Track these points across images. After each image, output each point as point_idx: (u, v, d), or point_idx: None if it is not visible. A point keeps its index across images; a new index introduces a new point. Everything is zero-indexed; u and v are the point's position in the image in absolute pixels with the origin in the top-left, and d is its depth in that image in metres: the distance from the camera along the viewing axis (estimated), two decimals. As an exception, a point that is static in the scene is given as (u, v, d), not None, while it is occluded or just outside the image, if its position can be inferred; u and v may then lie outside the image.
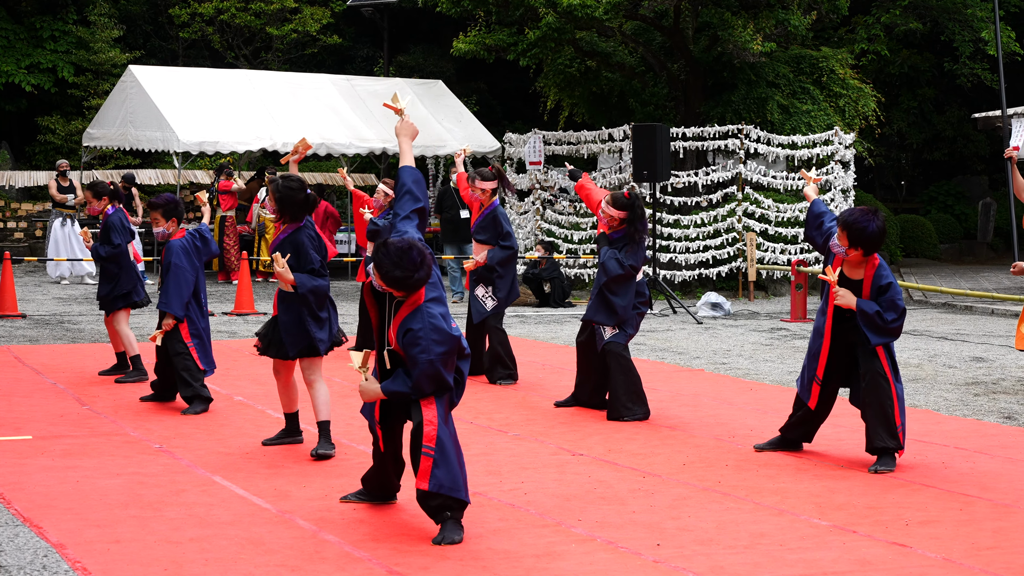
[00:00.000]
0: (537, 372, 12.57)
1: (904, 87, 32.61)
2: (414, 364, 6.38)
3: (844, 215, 8.20)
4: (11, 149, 30.21)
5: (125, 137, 23.65)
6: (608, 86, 24.33)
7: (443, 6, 22.72)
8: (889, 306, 8.20)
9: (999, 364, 13.41)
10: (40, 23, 30.48)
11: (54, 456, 8.37)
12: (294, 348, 8.49)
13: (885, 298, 8.21)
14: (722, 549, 6.37)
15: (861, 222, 8.11)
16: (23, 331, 15.47)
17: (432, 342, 6.35)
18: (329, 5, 32.25)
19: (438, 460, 6.37)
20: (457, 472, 6.42)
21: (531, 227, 22.90)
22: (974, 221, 31.97)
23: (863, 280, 8.27)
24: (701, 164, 22.24)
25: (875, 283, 8.24)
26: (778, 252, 21.28)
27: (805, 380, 8.56)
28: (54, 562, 6.00)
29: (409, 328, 6.41)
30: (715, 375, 12.62)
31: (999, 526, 6.86)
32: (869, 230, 8.09)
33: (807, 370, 8.54)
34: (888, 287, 8.24)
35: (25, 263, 25.02)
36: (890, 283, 8.25)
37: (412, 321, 6.42)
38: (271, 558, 6.11)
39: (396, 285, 6.40)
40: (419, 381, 6.39)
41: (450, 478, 6.38)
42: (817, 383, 8.46)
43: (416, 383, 6.40)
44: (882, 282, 8.24)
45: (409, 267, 6.34)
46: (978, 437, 9.35)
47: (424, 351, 6.35)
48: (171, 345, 10.14)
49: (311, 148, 8.75)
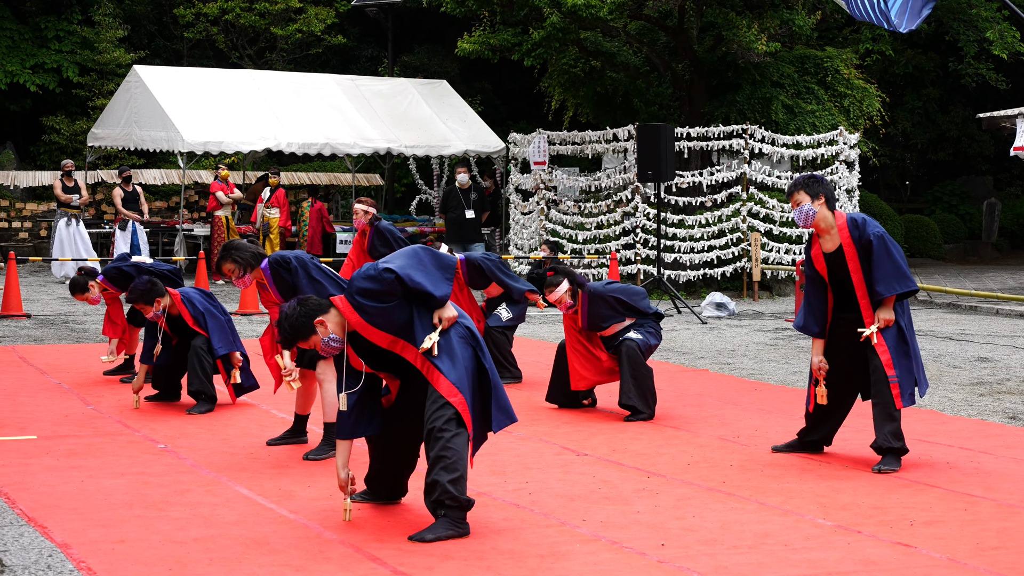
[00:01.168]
0: (541, 372, 12.57)
1: (909, 87, 32.60)
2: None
3: (788, 191, 8.35)
4: (16, 149, 30.24)
5: (130, 137, 23.67)
6: (612, 86, 24.33)
7: (447, 6, 22.72)
8: (894, 275, 8.12)
9: (1004, 364, 13.40)
10: (45, 23, 30.51)
11: (59, 456, 8.38)
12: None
13: (885, 270, 8.10)
14: (726, 549, 6.37)
15: (804, 176, 8.31)
16: (28, 331, 15.48)
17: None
18: (333, 5, 32.27)
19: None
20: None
21: (535, 227, 22.89)
22: (979, 221, 31.95)
23: (844, 248, 8.18)
24: (705, 164, 22.22)
25: (854, 236, 8.15)
26: (782, 252, 21.27)
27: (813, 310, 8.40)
28: (59, 562, 6.00)
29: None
30: (720, 375, 12.62)
31: (1004, 526, 6.85)
32: (811, 176, 8.25)
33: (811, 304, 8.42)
34: (869, 244, 8.08)
35: (30, 263, 25.04)
36: (873, 238, 8.09)
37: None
38: (275, 558, 6.11)
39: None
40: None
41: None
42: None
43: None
44: (866, 238, 8.11)
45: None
46: (983, 437, 9.34)
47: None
48: (198, 345, 10.13)
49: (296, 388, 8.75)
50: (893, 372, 8.12)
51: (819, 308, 8.36)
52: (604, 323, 10.12)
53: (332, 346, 6.52)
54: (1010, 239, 32.18)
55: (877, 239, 8.10)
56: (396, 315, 6.47)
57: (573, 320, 10.19)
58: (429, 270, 6.56)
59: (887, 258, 8.10)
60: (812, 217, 8.22)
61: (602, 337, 10.20)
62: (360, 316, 6.44)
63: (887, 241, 8.12)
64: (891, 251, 8.11)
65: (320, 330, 6.48)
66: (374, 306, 6.43)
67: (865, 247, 8.12)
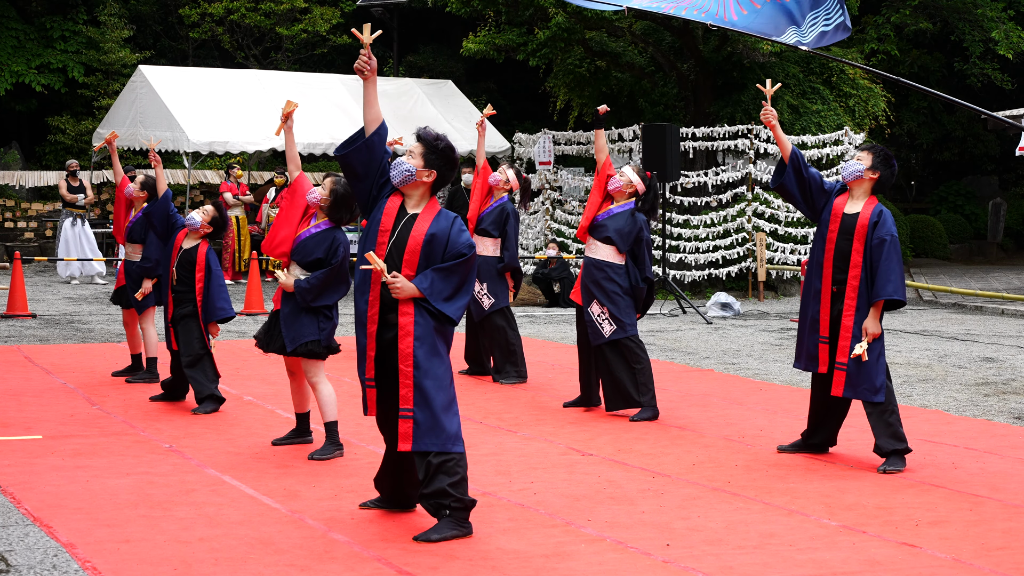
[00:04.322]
0: (547, 372, 12.57)
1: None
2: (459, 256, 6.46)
3: (865, 144, 8.45)
4: (21, 149, 30.25)
5: (135, 137, 23.67)
6: (618, 86, 24.32)
7: (453, 6, 22.74)
8: (896, 279, 8.12)
9: (1009, 364, 13.38)
10: (50, 23, 30.52)
11: (64, 456, 8.39)
12: (291, 343, 8.50)
13: (882, 267, 8.12)
14: (732, 549, 6.37)
15: (884, 150, 8.38)
16: (33, 331, 15.50)
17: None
18: (339, 5, 32.26)
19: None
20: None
21: (541, 227, 22.89)
22: (984, 221, 31.91)
23: (858, 216, 8.24)
24: (711, 164, 22.22)
25: (872, 222, 8.18)
26: (788, 252, 21.25)
27: (808, 348, 8.43)
28: (64, 562, 6.01)
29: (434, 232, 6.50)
30: (725, 375, 12.61)
31: (1009, 526, 6.85)
32: (890, 156, 8.34)
33: (808, 336, 8.44)
34: (882, 242, 8.14)
35: (35, 263, 25.06)
36: (888, 236, 8.16)
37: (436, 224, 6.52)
38: (281, 558, 6.12)
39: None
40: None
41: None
42: (824, 342, 8.36)
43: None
44: (879, 235, 8.16)
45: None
46: (988, 437, 9.34)
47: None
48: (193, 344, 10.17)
49: (296, 106, 8.61)
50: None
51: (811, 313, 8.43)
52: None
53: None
54: (1015, 239, 32.12)
55: (890, 238, 8.16)
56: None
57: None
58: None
59: (894, 261, 8.13)
60: (855, 176, 8.30)
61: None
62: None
63: (897, 247, 8.17)
64: (897, 257, 8.15)
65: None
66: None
67: (876, 242, 8.15)
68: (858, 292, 8.19)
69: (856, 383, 8.18)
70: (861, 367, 8.16)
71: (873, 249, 8.16)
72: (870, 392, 8.14)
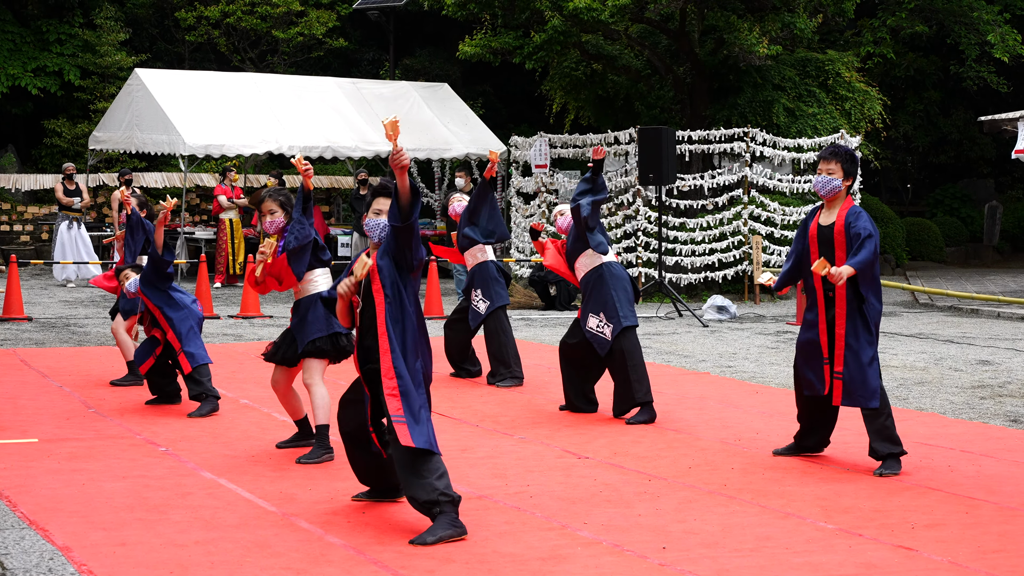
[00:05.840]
0: (543, 375, 12.57)
1: (910, 90, 32.59)
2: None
3: (827, 152, 8.37)
4: (17, 152, 30.24)
5: (131, 140, 23.67)
6: (614, 89, 24.33)
7: (449, 9, 22.74)
8: (869, 284, 8.15)
9: (1005, 367, 13.39)
10: (46, 26, 30.51)
11: (60, 459, 8.38)
12: (301, 345, 8.52)
13: (862, 265, 8.09)
14: (728, 552, 6.37)
15: (845, 147, 8.44)
16: (29, 334, 15.49)
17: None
18: (335, 8, 32.27)
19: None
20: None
21: (537, 230, 22.87)
22: (980, 224, 31.95)
23: (834, 224, 8.25)
24: (707, 167, 22.23)
25: (847, 223, 8.19)
26: (784, 255, 21.26)
27: (814, 372, 8.45)
28: (60, 565, 6.00)
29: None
30: (721, 378, 12.62)
31: (1005, 529, 6.85)
32: (850, 150, 8.34)
33: (811, 361, 8.44)
34: (857, 236, 8.14)
35: (31, 266, 25.05)
36: (869, 234, 8.13)
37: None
38: (277, 561, 6.12)
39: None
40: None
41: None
42: (827, 363, 8.35)
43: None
44: (854, 231, 8.16)
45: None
46: (984, 440, 9.34)
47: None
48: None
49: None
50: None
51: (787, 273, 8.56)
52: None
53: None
54: (1011, 242, 32.16)
55: (865, 233, 8.14)
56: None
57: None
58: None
59: (868, 251, 8.10)
60: (834, 192, 8.28)
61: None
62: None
63: (876, 242, 8.14)
64: (874, 250, 8.11)
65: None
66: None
67: (852, 237, 8.16)
68: (847, 299, 8.20)
69: (852, 391, 8.19)
70: (856, 374, 8.16)
71: (852, 241, 8.18)
72: (866, 399, 8.15)
